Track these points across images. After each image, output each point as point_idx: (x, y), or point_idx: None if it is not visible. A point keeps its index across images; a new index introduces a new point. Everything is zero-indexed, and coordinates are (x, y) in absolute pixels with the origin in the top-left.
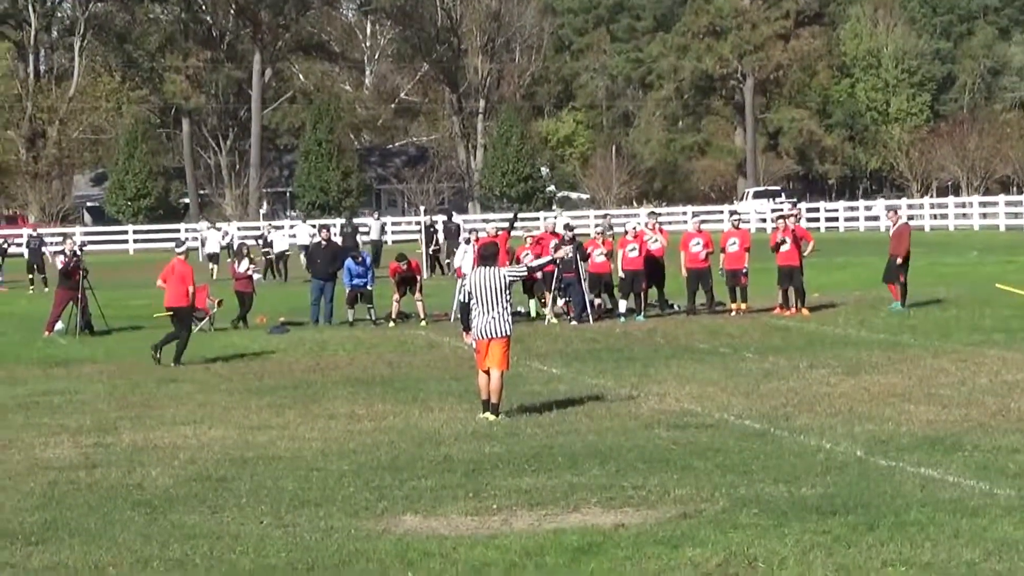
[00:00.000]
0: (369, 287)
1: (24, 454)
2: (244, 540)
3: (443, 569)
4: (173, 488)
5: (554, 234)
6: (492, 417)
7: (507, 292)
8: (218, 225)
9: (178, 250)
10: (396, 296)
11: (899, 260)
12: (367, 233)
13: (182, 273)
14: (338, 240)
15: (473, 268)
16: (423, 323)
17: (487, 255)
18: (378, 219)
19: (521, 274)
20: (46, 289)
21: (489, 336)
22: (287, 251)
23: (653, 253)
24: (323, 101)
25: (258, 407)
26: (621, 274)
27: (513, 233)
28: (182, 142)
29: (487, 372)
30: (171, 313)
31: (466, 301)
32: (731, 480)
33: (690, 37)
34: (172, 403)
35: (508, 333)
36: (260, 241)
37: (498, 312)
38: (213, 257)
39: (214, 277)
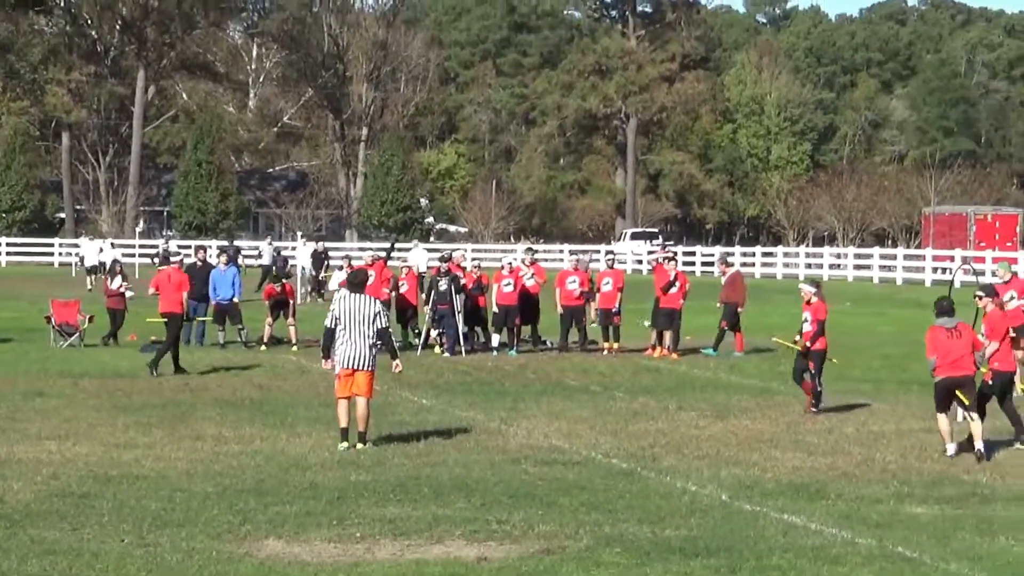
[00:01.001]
0: (236, 299)
1: None
2: (104, 558)
3: None
4: (34, 503)
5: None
6: (360, 445)
7: (375, 322)
8: (96, 240)
9: (174, 259)
10: (269, 320)
11: (740, 308)
12: (259, 257)
13: (178, 281)
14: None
15: (341, 294)
16: (294, 348)
17: (356, 282)
18: (271, 243)
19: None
20: None
21: (355, 367)
22: (96, 266)
23: (528, 289)
24: (205, 121)
25: (125, 425)
26: (495, 308)
27: (389, 263)
28: (61, 155)
29: (348, 400)
30: (165, 319)
31: (332, 327)
32: (595, 518)
33: (575, 75)
34: (37, 417)
35: (375, 365)
36: (157, 259)
37: (365, 342)
38: (92, 270)
39: (89, 288)
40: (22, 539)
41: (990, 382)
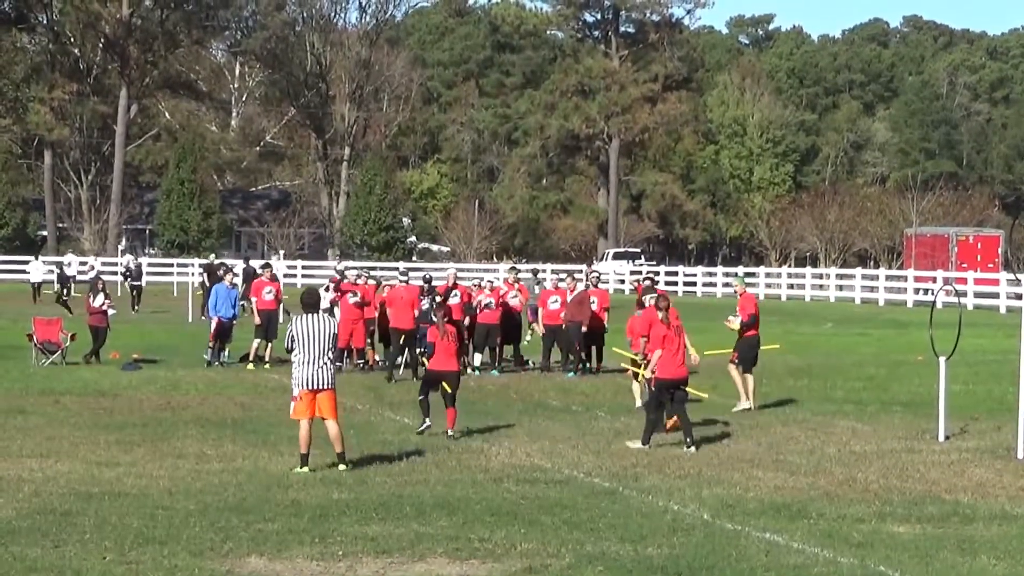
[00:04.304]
0: (234, 321)
1: None
2: (86, 575)
3: None
4: (16, 520)
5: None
6: (342, 466)
7: (333, 342)
8: (80, 259)
9: (402, 278)
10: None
11: (584, 327)
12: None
13: (409, 299)
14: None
15: (298, 316)
16: (267, 366)
17: (310, 303)
18: (341, 266)
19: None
20: None
21: (317, 387)
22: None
23: (511, 308)
24: (188, 140)
25: (106, 443)
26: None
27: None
28: (43, 173)
29: (309, 421)
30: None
31: (289, 348)
32: (578, 537)
33: (558, 95)
34: (19, 435)
35: (335, 384)
36: (124, 275)
37: (325, 362)
38: (71, 280)
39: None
40: (4, 556)
41: (653, 388)
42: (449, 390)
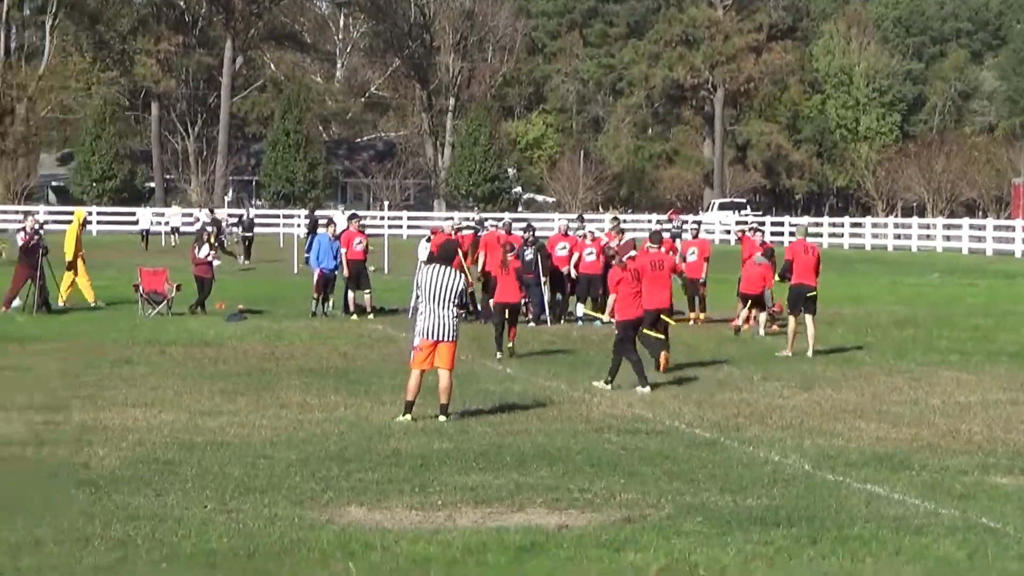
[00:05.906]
0: (335, 272)
1: None
2: (187, 524)
3: (384, 562)
4: (119, 469)
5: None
6: (442, 418)
7: (457, 294)
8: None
9: (493, 222)
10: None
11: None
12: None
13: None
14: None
15: (426, 265)
16: (370, 316)
17: (443, 254)
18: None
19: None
20: None
21: (438, 338)
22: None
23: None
24: (293, 91)
25: (210, 393)
26: (573, 273)
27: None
28: (150, 125)
29: (422, 372)
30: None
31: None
32: (677, 487)
33: (662, 45)
34: (124, 385)
35: (457, 336)
36: (239, 227)
37: (447, 312)
38: (175, 231)
39: (174, 244)
40: (107, 504)
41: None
42: (509, 316)
